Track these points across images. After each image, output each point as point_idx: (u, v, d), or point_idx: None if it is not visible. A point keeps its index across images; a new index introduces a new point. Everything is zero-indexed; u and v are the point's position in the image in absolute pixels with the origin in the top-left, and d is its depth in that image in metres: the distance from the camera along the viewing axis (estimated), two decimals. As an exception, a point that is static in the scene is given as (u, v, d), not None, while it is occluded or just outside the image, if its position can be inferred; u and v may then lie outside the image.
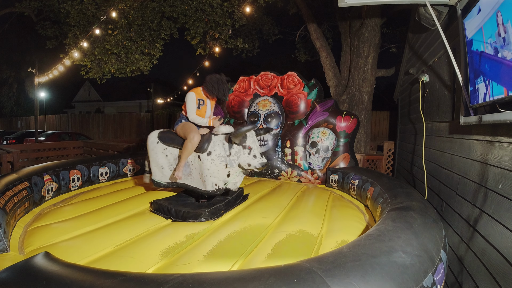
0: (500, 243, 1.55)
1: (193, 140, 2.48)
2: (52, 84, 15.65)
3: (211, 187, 2.48)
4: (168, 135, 2.78)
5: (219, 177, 2.48)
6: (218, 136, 2.53)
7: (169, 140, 2.74)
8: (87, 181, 3.35)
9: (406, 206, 1.74)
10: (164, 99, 14.27)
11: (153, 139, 2.79)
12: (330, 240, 1.96)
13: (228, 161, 2.43)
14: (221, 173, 2.47)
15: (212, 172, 2.45)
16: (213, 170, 2.45)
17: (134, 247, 1.82)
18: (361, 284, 0.95)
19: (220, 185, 2.50)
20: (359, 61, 5.73)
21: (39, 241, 1.90)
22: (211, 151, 2.45)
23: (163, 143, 2.75)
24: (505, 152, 1.61)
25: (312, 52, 8.98)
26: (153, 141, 2.78)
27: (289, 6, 7.63)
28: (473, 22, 1.71)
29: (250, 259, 1.67)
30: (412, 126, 4.10)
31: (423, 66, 3.48)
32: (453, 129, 2.49)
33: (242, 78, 4.58)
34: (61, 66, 7.12)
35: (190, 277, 1.00)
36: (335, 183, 3.60)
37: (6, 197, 2.03)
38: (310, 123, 4.03)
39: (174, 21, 7.45)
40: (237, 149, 2.44)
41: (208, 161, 2.44)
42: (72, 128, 17.99)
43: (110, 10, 5.73)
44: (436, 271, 1.16)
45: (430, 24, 2.78)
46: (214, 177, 2.47)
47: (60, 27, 8.53)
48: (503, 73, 1.42)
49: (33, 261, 1.19)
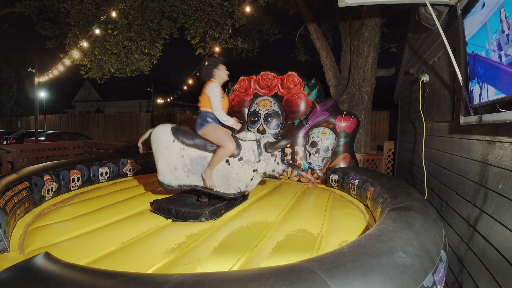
0: (500, 243, 1.55)
1: (230, 149, 2.39)
2: (52, 84, 15.64)
3: (234, 190, 2.53)
4: (188, 134, 2.54)
5: (244, 181, 2.54)
6: (248, 142, 2.56)
7: (190, 140, 2.51)
8: (87, 181, 3.35)
9: (406, 206, 1.74)
10: (164, 99, 14.27)
11: (167, 136, 2.48)
12: (330, 240, 1.96)
13: (257, 167, 2.51)
14: (247, 178, 2.54)
15: (240, 176, 2.50)
16: (241, 175, 2.50)
17: (135, 247, 1.82)
18: (361, 284, 0.95)
19: (242, 189, 2.57)
20: (359, 61, 5.73)
21: (39, 241, 1.89)
22: (242, 157, 2.49)
23: (181, 142, 2.48)
24: (505, 152, 1.61)
25: (312, 52, 8.98)
26: (167, 139, 2.48)
27: (289, 6, 7.62)
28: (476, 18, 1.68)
29: (250, 259, 1.67)
30: (412, 126, 4.10)
31: (423, 66, 3.48)
32: (453, 129, 2.49)
33: (242, 78, 4.58)
34: (61, 66, 7.12)
35: (190, 277, 1.00)
36: (335, 183, 3.60)
37: (6, 197, 2.03)
38: (310, 123, 4.03)
39: (174, 20, 7.45)
40: (266, 156, 2.54)
41: (238, 166, 2.47)
42: (72, 128, 18.00)
43: (110, 10, 5.73)
44: (436, 271, 1.16)
45: (430, 24, 2.78)
46: (240, 181, 2.52)
47: (60, 27, 8.53)
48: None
49: (33, 261, 1.19)
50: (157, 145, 2.49)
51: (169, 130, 2.51)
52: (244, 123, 4.46)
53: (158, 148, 2.49)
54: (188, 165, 2.50)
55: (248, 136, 2.62)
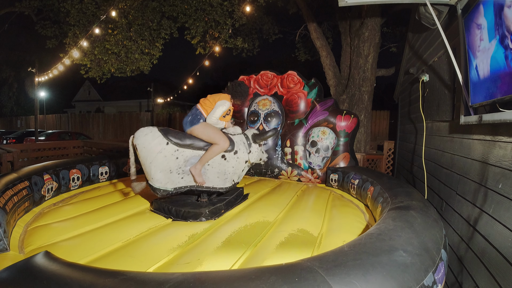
0: (500, 243, 1.55)
1: (224, 146, 2.45)
2: (52, 84, 15.65)
3: (229, 184, 2.66)
4: (180, 134, 2.45)
5: (238, 173, 2.70)
6: (238, 136, 2.72)
7: (185, 140, 2.42)
8: (87, 181, 3.35)
9: (406, 206, 1.74)
10: (164, 99, 14.28)
11: (159, 139, 2.31)
12: (330, 239, 1.96)
13: (249, 157, 2.71)
14: (240, 169, 2.71)
15: (235, 169, 2.65)
16: (236, 167, 2.65)
17: (135, 246, 1.82)
18: (362, 283, 0.95)
19: (236, 181, 2.72)
20: (359, 61, 5.73)
21: (39, 240, 1.89)
22: (237, 150, 2.63)
23: (175, 144, 2.36)
24: (505, 152, 1.61)
25: (312, 51, 8.98)
26: (159, 142, 2.30)
27: (289, 6, 7.63)
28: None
29: (250, 258, 1.67)
30: (412, 126, 4.10)
31: (423, 66, 3.48)
32: (453, 129, 2.49)
33: (242, 78, 4.58)
34: (61, 66, 7.12)
35: (191, 276, 1.00)
36: (335, 183, 3.60)
37: (6, 196, 2.03)
38: (310, 123, 4.03)
39: (174, 20, 7.46)
40: (255, 147, 2.75)
41: (234, 160, 2.62)
42: (72, 127, 18.00)
43: (110, 10, 5.73)
44: (436, 270, 1.16)
45: (430, 24, 2.78)
46: (235, 173, 2.67)
47: (60, 26, 8.52)
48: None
49: (33, 261, 1.19)
50: (147, 151, 2.28)
51: (158, 133, 2.34)
52: (244, 122, 4.46)
53: (149, 154, 2.28)
54: (182, 166, 2.43)
55: (236, 130, 2.80)
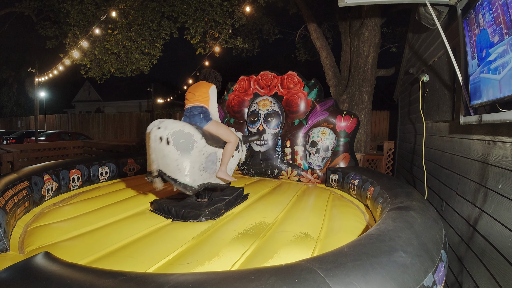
0: (500, 243, 1.55)
1: (235, 144, 2.59)
2: (52, 84, 15.66)
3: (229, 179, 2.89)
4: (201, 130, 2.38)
5: (233, 169, 2.90)
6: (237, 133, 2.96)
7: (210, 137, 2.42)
8: (87, 181, 3.35)
9: (406, 206, 1.74)
10: (164, 99, 14.28)
11: (195, 134, 2.19)
12: (330, 239, 1.95)
13: (241, 155, 2.98)
14: (235, 165, 2.94)
15: (233, 166, 2.87)
16: (233, 164, 2.87)
17: (135, 246, 1.82)
18: (362, 283, 0.95)
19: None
20: (359, 61, 5.73)
21: (39, 240, 1.89)
22: (238, 148, 2.88)
23: (206, 139, 2.33)
24: (505, 152, 1.61)
25: (312, 51, 8.98)
26: (196, 137, 2.20)
27: (289, 6, 7.64)
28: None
29: (250, 259, 1.67)
30: (412, 126, 4.10)
31: (423, 66, 3.48)
32: (453, 129, 2.49)
33: (242, 78, 4.58)
34: (61, 66, 7.13)
35: (190, 277, 1.00)
36: (335, 183, 3.60)
37: (6, 196, 2.03)
38: (310, 123, 4.03)
39: (174, 20, 7.46)
40: (244, 147, 3.07)
41: (237, 157, 2.88)
42: (72, 128, 18.00)
43: (110, 10, 5.73)
44: (436, 271, 1.16)
45: (430, 24, 2.78)
46: (231, 170, 2.86)
47: (60, 27, 8.53)
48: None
49: (33, 261, 1.19)
50: (183, 146, 2.14)
51: (192, 127, 2.22)
52: (244, 122, 4.46)
53: (186, 149, 2.15)
54: (203, 162, 2.37)
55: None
